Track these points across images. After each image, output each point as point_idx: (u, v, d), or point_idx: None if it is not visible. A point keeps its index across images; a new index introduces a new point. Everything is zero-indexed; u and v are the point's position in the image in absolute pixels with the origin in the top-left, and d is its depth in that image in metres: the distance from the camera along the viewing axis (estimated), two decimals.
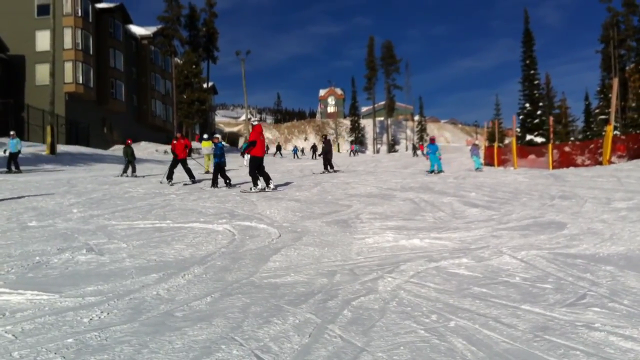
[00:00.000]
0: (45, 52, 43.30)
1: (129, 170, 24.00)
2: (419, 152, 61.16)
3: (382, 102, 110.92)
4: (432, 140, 25.81)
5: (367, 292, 4.65)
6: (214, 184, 17.08)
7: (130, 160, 24.24)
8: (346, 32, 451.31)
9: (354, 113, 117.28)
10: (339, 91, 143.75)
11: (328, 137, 28.62)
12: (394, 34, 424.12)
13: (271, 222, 9.30)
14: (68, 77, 50.12)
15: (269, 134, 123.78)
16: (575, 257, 5.96)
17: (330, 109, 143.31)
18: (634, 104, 55.70)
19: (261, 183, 15.31)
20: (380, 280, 5.08)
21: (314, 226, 8.85)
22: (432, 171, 24.30)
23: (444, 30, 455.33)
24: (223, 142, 17.46)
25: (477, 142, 30.17)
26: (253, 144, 15.18)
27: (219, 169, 17.34)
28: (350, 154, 71.38)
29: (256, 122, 16.01)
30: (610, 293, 4.46)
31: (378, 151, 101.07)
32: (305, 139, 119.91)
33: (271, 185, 15.33)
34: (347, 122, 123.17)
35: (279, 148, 60.18)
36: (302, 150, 71.01)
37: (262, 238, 7.66)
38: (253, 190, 15.03)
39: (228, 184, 17.20)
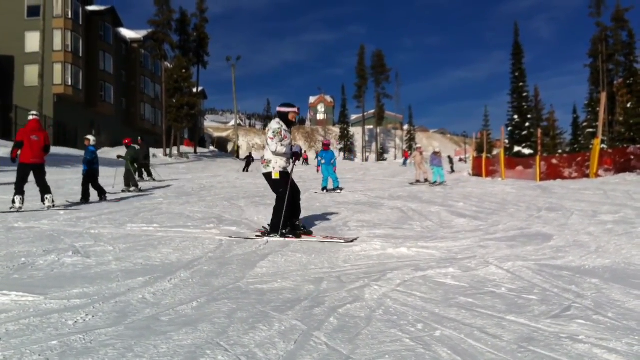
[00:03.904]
0: (34, 54, 43.03)
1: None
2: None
3: (372, 111, 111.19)
4: (326, 147, 19.32)
5: (354, 300, 4.64)
6: (85, 197, 13.98)
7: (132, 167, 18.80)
8: (340, 40, 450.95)
9: (343, 121, 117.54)
10: (329, 99, 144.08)
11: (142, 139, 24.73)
12: (387, 43, 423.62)
13: (259, 227, 9.29)
14: (57, 78, 49.92)
15: (258, 140, 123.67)
16: (561, 269, 5.99)
17: (320, 116, 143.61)
18: (621, 118, 56.01)
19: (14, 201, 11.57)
20: (367, 288, 5.08)
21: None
22: (324, 187, 17.84)
23: (438, 41, 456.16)
24: (95, 146, 15.22)
25: (437, 149, 25.62)
26: (18, 145, 11.80)
27: (90, 179, 14.45)
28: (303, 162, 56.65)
29: (31, 117, 12.13)
30: (595, 305, 4.48)
31: (367, 159, 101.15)
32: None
33: (46, 203, 11.83)
34: (336, 130, 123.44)
35: None
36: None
37: (249, 244, 7.64)
38: (10, 209, 11.45)
39: (103, 197, 14.37)
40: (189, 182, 22.84)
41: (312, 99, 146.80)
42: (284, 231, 8.03)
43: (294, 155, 8.23)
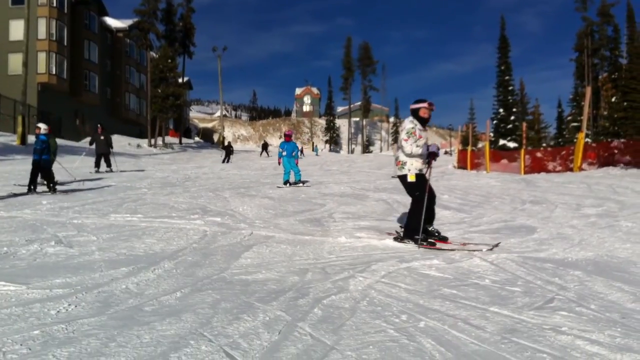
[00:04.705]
0: (18, 42, 42.57)
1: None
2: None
3: (358, 103, 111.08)
4: (288, 137, 17.48)
5: (338, 291, 4.65)
6: (31, 187, 13.12)
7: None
8: (328, 32, 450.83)
9: (329, 113, 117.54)
10: (315, 90, 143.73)
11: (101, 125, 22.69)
12: (375, 35, 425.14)
13: (244, 218, 9.28)
14: (41, 67, 49.46)
15: (244, 131, 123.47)
16: (545, 261, 6.02)
17: (306, 108, 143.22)
18: (605, 113, 56.48)
19: None
20: (351, 279, 5.08)
21: (286, 224, 8.84)
22: (286, 181, 16.69)
23: (425, 34, 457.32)
24: (47, 135, 13.87)
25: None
26: None
27: (40, 169, 13.38)
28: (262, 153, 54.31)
29: None
30: (578, 297, 4.51)
31: (352, 151, 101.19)
32: (280, 137, 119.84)
33: None
34: (322, 122, 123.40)
35: (265, 147, 57.51)
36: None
37: (234, 234, 7.62)
38: None
39: (52, 188, 13.31)
40: (173, 172, 22.74)
41: (298, 91, 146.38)
42: (419, 237, 7.09)
43: (431, 155, 7.33)
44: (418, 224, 7.10)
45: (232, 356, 3.13)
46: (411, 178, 7.25)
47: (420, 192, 7.19)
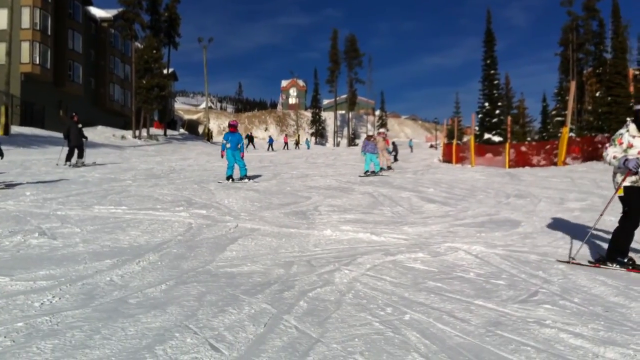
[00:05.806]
0: (2, 31, 42.03)
1: None
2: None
3: (344, 96, 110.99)
4: (233, 128, 16.08)
5: (324, 284, 4.65)
6: None
7: None
8: (315, 23, 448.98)
9: (315, 105, 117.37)
10: (301, 83, 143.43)
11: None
12: (363, 27, 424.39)
13: (229, 211, 9.25)
14: (24, 57, 48.88)
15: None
16: (529, 255, 6.07)
17: (292, 101, 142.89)
18: (589, 107, 56.86)
19: None
20: (337, 272, 5.09)
21: (272, 217, 8.83)
22: (229, 176, 15.07)
23: (413, 26, 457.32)
24: None
25: (371, 132, 19.79)
26: None
27: None
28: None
29: None
30: (562, 291, 4.55)
31: (338, 144, 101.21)
32: (266, 129, 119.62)
33: None
34: (308, 114, 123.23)
35: (250, 139, 56.83)
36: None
37: (219, 227, 7.60)
38: None
39: None
40: (158, 164, 22.63)
41: (284, 83, 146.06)
42: (622, 259, 5.85)
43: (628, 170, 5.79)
44: (624, 244, 5.92)
45: (217, 348, 3.13)
46: (619, 192, 6.07)
47: (631, 208, 5.96)
